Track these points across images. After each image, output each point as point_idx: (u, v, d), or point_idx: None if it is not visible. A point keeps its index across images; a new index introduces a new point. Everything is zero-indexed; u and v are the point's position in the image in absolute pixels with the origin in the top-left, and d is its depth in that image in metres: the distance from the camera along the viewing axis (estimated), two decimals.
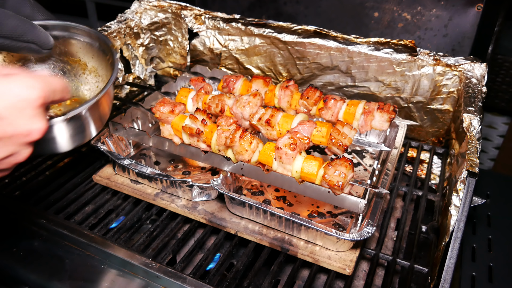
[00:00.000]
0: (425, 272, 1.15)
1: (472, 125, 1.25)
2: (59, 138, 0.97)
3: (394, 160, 1.29)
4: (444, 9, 1.67)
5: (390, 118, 1.30)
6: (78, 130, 1.01)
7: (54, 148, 0.99)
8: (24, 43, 0.99)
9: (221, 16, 1.80)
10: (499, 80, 1.99)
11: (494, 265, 1.29)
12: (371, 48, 1.57)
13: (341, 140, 1.17)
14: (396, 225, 1.40)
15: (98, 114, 1.04)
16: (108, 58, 1.16)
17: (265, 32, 1.73)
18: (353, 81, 1.67)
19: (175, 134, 1.32)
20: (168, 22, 1.86)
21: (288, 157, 1.11)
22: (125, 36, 1.71)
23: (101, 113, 1.06)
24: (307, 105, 1.38)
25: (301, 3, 1.89)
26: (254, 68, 1.85)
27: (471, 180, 1.10)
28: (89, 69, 1.24)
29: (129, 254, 1.12)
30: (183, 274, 1.07)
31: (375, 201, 1.14)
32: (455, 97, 1.53)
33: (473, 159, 1.13)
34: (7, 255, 1.19)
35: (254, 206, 1.15)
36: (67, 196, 1.37)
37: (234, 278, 1.09)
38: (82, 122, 1.00)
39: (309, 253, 1.13)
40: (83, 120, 1.00)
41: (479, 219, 1.46)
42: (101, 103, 1.03)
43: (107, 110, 1.09)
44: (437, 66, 1.51)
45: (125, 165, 1.29)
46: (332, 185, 1.06)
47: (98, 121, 1.06)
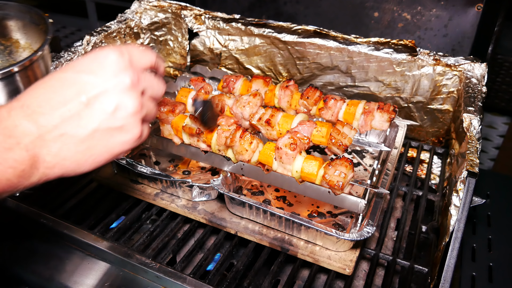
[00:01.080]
0: (425, 272, 1.15)
1: (472, 125, 1.25)
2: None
3: (394, 160, 1.29)
4: (444, 9, 1.67)
5: (390, 118, 1.29)
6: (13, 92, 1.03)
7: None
8: None
9: (221, 16, 1.80)
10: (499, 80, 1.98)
11: (494, 265, 1.29)
12: (371, 48, 1.57)
13: (341, 140, 1.17)
14: (396, 225, 1.40)
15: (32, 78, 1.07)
16: (41, 27, 1.17)
17: (265, 32, 1.73)
18: (353, 81, 1.67)
19: (175, 134, 1.32)
20: (168, 22, 1.86)
21: (288, 157, 1.11)
22: (125, 36, 1.71)
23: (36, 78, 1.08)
24: (307, 105, 1.38)
25: (301, 3, 1.89)
26: (254, 68, 1.85)
27: (471, 180, 1.10)
28: (23, 46, 1.25)
29: (129, 254, 1.12)
30: (183, 274, 1.07)
31: (375, 201, 1.14)
32: (455, 97, 1.53)
33: (473, 159, 1.13)
34: (7, 255, 1.19)
35: (254, 206, 1.15)
36: (66, 196, 1.37)
37: (234, 278, 1.09)
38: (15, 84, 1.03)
39: (309, 253, 1.13)
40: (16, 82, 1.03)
41: (479, 219, 1.46)
42: (35, 66, 1.06)
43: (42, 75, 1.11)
44: (437, 66, 1.51)
45: (125, 165, 1.29)
46: (332, 185, 1.06)
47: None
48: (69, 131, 0.67)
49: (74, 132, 0.68)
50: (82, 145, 0.69)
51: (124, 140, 0.73)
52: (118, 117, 0.70)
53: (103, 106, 0.69)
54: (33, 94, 0.68)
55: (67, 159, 0.69)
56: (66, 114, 0.67)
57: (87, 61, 0.71)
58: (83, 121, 0.68)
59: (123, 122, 0.71)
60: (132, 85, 0.71)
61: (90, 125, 0.69)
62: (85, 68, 0.70)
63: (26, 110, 0.66)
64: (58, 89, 0.68)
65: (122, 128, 0.72)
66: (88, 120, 0.68)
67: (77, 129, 0.68)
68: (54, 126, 0.66)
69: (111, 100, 0.69)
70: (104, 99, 0.69)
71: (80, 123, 0.68)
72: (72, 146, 0.68)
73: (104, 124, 0.70)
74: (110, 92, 0.69)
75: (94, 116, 0.69)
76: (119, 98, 0.70)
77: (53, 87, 0.69)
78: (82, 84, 0.69)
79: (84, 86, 0.69)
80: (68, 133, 0.67)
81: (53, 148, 0.67)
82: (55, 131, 0.66)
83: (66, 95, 0.68)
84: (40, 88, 0.69)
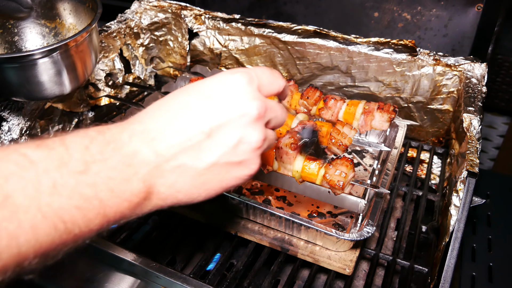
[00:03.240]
0: (425, 272, 1.15)
1: (472, 125, 1.25)
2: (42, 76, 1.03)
3: (394, 160, 1.29)
4: (444, 9, 1.67)
5: (390, 118, 1.29)
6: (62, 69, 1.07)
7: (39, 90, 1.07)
8: (3, 1, 1.01)
9: (221, 16, 1.80)
10: (499, 80, 1.98)
11: (494, 265, 1.29)
12: (371, 48, 1.57)
13: (341, 140, 1.17)
14: (396, 225, 1.40)
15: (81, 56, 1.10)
16: (88, 4, 1.18)
17: (265, 32, 1.73)
18: (353, 81, 1.67)
19: None
20: (168, 22, 1.86)
21: (289, 156, 1.11)
22: (125, 36, 1.71)
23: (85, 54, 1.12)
24: (307, 105, 1.38)
25: (301, 3, 1.89)
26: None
27: (471, 180, 1.10)
28: (67, 28, 1.25)
29: (129, 254, 1.12)
30: (183, 274, 1.07)
31: (375, 201, 1.14)
32: (455, 97, 1.53)
33: (473, 159, 1.13)
34: None
35: (254, 206, 1.15)
36: None
37: (234, 278, 1.09)
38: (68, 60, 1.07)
39: (309, 253, 1.13)
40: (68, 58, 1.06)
41: (479, 219, 1.46)
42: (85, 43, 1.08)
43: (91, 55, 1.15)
44: (437, 66, 1.51)
45: None
46: (333, 184, 1.06)
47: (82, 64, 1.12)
48: (187, 162, 0.62)
49: (192, 164, 0.63)
50: (199, 178, 0.64)
51: (240, 175, 0.68)
52: (239, 152, 0.65)
53: (226, 139, 0.63)
54: (154, 117, 0.64)
55: (181, 191, 0.64)
56: (186, 143, 0.62)
57: (214, 85, 0.66)
58: (202, 153, 0.63)
59: (243, 157, 0.66)
60: (258, 117, 0.65)
61: (210, 158, 0.63)
62: (212, 93, 0.65)
63: (147, 136, 0.61)
64: (181, 115, 0.63)
65: (241, 163, 0.66)
66: (208, 153, 0.63)
67: (195, 161, 0.63)
68: (173, 155, 0.61)
69: (235, 133, 0.63)
70: (228, 131, 0.63)
71: (199, 155, 0.63)
72: (188, 178, 0.63)
73: (223, 159, 0.64)
74: (235, 124, 0.63)
75: (214, 148, 0.63)
76: (243, 131, 0.64)
77: (175, 111, 0.64)
78: (207, 112, 0.63)
79: (208, 114, 0.63)
80: (186, 165, 0.62)
81: (169, 179, 0.62)
82: (173, 161, 0.61)
83: (189, 123, 0.62)
84: (162, 110, 0.64)
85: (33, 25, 1.25)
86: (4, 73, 1.02)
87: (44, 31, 1.26)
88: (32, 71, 1.02)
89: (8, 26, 1.21)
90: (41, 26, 1.25)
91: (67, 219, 0.52)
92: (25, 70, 1.01)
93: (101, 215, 0.55)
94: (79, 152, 0.55)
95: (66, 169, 0.53)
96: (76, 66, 1.11)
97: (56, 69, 1.06)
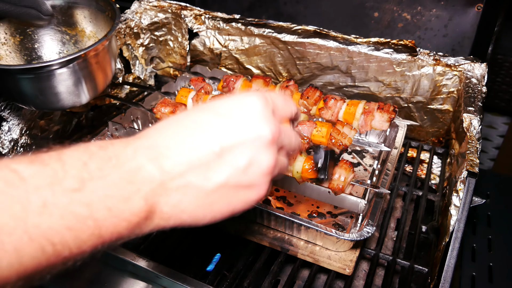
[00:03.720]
0: (425, 272, 1.15)
1: (472, 125, 1.25)
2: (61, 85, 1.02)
3: (394, 160, 1.29)
4: (444, 9, 1.67)
5: (390, 118, 1.29)
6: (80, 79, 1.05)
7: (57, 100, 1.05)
8: (23, 8, 1.02)
9: (221, 16, 1.80)
10: (499, 80, 1.98)
11: (494, 265, 1.29)
12: (371, 48, 1.57)
13: (341, 140, 1.17)
14: (396, 225, 1.40)
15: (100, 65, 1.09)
16: (107, 13, 1.17)
17: (265, 32, 1.73)
18: (353, 81, 1.67)
19: None
20: (168, 22, 1.86)
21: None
22: (125, 36, 1.71)
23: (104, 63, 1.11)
24: (307, 105, 1.38)
25: (301, 3, 1.89)
26: (254, 68, 1.85)
27: (471, 180, 1.10)
28: (88, 35, 1.24)
29: (129, 254, 1.12)
30: (183, 274, 1.07)
31: (375, 201, 1.14)
32: (455, 97, 1.53)
33: (473, 159, 1.13)
34: None
35: (254, 206, 1.15)
36: None
37: (234, 278, 1.09)
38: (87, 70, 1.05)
39: (309, 253, 1.13)
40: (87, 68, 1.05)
41: (479, 219, 1.46)
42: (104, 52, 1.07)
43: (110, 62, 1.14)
44: (437, 66, 1.51)
45: None
46: (333, 187, 1.06)
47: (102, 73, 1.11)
48: (194, 181, 0.59)
49: (199, 183, 0.60)
50: (205, 199, 0.61)
51: (248, 198, 0.65)
52: (249, 174, 0.62)
53: (236, 160, 0.61)
54: (163, 132, 0.61)
55: (186, 212, 0.61)
56: (195, 162, 0.59)
57: (229, 104, 0.64)
58: (211, 173, 0.60)
59: (253, 180, 0.63)
60: (272, 141, 0.63)
61: (218, 179, 0.60)
62: (226, 112, 0.63)
63: (153, 152, 0.58)
64: (192, 132, 0.61)
65: (250, 186, 0.64)
66: (216, 173, 0.60)
67: (203, 181, 0.60)
68: (179, 173, 0.58)
69: (246, 154, 0.61)
70: (239, 152, 0.61)
71: (207, 174, 0.60)
72: (194, 199, 0.60)
73: (232, 180, 0.61)
74: (247, 145, 0.61)
75: (224, 169, 0.60)
76: (255, 153, 0.62)
77: (186, 128, 0.62)
78: (219, 131, 0.61)
79: (220, 133, 0.61)
80: (193, 184, 0.59)
81: (173, 198, 0.59)
82: (179, 179, 0.58)
83: (199, 140, 0.60)
84: (172, 126, 0.62)
85: (53, 32, 1.24)
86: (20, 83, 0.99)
87: (64, 38, 1.26)
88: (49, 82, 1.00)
89: (29, 32, 1.20)
90: (61, 33, 1.24)
91: (57, 241, 0.49)
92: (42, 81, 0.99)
93: (95, 236, 0.52)
94: (75, 169, 0.52)
95: (60, 187, 0.50)
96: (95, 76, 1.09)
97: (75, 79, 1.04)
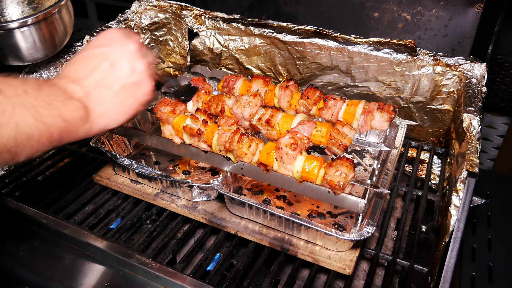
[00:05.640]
0: (425, 272, 1.15)
1: (472, 125, 1.25)
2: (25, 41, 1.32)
3: (394, 160, 1.29)
4: (444, 9, 1.67)
5: (390, 118, 1.29)
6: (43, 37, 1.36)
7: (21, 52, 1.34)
8: None
9: (221, 16, 1.80)
10: (499, 80, 1.98)
11: (494, 265, 1.29)
12: (371, 48, 1.57)
13: (341, 140, 1.17)
14: (396, 225, 1.40)
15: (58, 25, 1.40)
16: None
17: (265, 32, 1.73)
18: (353, 81, 1.67)
19: (176, 134, 1.32)
20: (168, 22, 1.86)
21: (289, 157, 1.11)
22: None
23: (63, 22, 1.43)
24: (307, 105, 1.38)
25: (301, 3, 1.89)
26: (254, 68, 1.85)
27: (471, 180, 1.10)
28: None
29: (129, 254, 1.12)
30: (183, 274, 1.07)
31: (375, 201, 1.14)
32: (455, 97, 1.53)
33: (473, 159, 1.13)
34: (8, 255, 1.19)
35: (254, 206, 1.15)
36: (67, 196, 1.37)
37: (234, 278, 1.09)
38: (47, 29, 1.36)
39: (309, 253, 1.13)
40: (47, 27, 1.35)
41: (479, 219, 1.46)
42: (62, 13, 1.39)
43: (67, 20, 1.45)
44: (437, 66, 1.51)
45: (125, 165, 1.29)
46: (333, 185, 1.06)
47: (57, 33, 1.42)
48: (105, 87, 0.88)
49: (109, 88, 0.88)
50: (119, 97, 0.89)
51: (143, 91, 0.94)
52: (136, 74, 0.91)
53: (123, 66, 0.90)
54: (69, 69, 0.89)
55: (110, 109, 0.88)
56: (99, 76, 0.87)
57: (99, 39, 0.94)
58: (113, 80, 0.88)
59: (140, 77, 0.92)
60: (138, 50, 0.93)
61: (120, 81, 0.89)
62: (99, 44, 0.92)
63: (69, 79, 0.85)
64: (86, 62, 0.89)
65: (141, 82, 0.93)
66: (116, 78, 0.89)
67: (111, 86, 0.88)
68: (94, 86, 0.86)
69: (127, 61, 0.91)
70: (123, 62, 0.90)
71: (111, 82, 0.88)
72: (110, 99, 0.88)
73: (129, 80, 0.90)
74: (125, 57, 0.91)
75: (119, 74, 0.89)
76: (132, 60, 0.91)
77: (81, 62, 0.90)
78: (103, 55, 0.90)
79: (104, 55, 0.89)
80: (106, 90, 0.87)
81: (98, 100, 0.86)
82: (96, 89, 0.86)
83: (94, 64, 0.88)
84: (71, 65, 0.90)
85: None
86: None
87: (22, 1, 1.54)
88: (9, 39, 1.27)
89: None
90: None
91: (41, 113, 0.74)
92: (4, 39, 1.26)
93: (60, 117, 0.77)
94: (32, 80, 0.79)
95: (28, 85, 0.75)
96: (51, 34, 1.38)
97: (33, 38, 1.31)
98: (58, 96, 0.79)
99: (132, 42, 0.94)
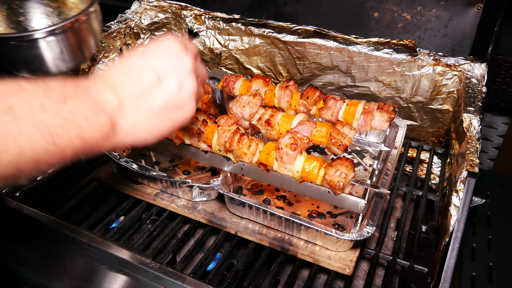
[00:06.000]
0: (425, 272, 1.15)
1: (472, 125, 1.25)
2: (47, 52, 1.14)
3: (394, 160, 1.29)
4: (444, 9, 1.67)
5: (390, 118, 1.29)
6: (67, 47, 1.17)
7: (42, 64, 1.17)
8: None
9: (221, 16, 1.80)
10: (499, 80, 1.98)
11: (494, 265, 1.29)
12: (371, 48, 1.57)
13: (341, 140, 1.17)
14: (396, 225, 1.40)
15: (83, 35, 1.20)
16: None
17: (265, 32, 1.73)
18: (353, 81, 1.67)
19: (176, 134, 1.32)
20: (168, 22, 1.86)
21: (289, 157, 1.11)
22: (125, 36, 1.71)
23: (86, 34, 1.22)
24: (307, 105, 1.38)
25: (301, 3, 1.89)
26: (254, 68, 1.85)
27: (471, 180, 1.10)
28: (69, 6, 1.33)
29: (129, 254, 1.12)
30: (183, 274, 1.07)
31: (375, 201, 1.14)
32: (455, 97, 1.53)
33: (473, 159, 1.13)
34: (8, 255, 1.19)
35: (254, 206, 1.15)
36: (67, 196, 1.37)
37: (234, 278, 1.09)
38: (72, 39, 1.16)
39: (309, 253, 1.13)
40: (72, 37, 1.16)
41: (479, 219, 1.46)
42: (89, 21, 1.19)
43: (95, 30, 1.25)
44: (437, 66, 1.51)
45: (125, 165, 1.29)
46: (333, 185, 1.06)
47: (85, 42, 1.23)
48: (143, 104, 0.79)
49: (147, 106, 0.79)
50: (154, 118, 0.81)
51: (183, 115, 0.86)
52: (181, 96, 0.83)
53: (171, 85, 0.82)
54: (111, 72, 0.80)
55: (141, 128, 0.80)
56: (141, 90, 0.79)
57: (153, 48, 0.84)
58: (154, 97, 0.80)
59: (185, 99, 0.84)
60: (192, 70, 0.85)
61: (161, 100, 0.81)
62: (152, 54, 0.83)
63: (108, 84, 0.77)
64: (131, 69, 0.80)
65: (183, 105, 0.85)
66: (159, 96, 0.80)
67: (150, 104, 0.80)
68: (131, 98, 0.78)
69: (176, 80, 0.82)
70: (171, 80, 0.82)
71: (152, 98, 0.80)
72: (145, 117, 0.80)
73: (170, 101, 0.82)
74: (176, 74, 0.82)
75: (163, 93, 0.81)
76: (182, 79, 0.83)
77: (126, 67, 0.81)
78: (153, 67, 0.81)
79: (154, 68, 0.81)
80: (143, 106, 0.79)
81: (130, 118, 0.78)
82: (132, 103, 0.78)
83: (140, 75, 0.80)
84: (115, 69, 0.81)
85: (37, 5, 1.33)
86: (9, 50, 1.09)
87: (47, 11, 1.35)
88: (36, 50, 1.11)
89: (14, 6, 1.29)
90: (44, 6, 1.34)
91: (54, 134, 0.65)
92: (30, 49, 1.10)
93: (79, 137, 0.68)
94: (57, 88, 0.68)
95: (50, 97, 0.66)
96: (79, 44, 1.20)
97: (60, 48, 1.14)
98: (84, 112, 0.69)
99: (188, 56, 0.84)
